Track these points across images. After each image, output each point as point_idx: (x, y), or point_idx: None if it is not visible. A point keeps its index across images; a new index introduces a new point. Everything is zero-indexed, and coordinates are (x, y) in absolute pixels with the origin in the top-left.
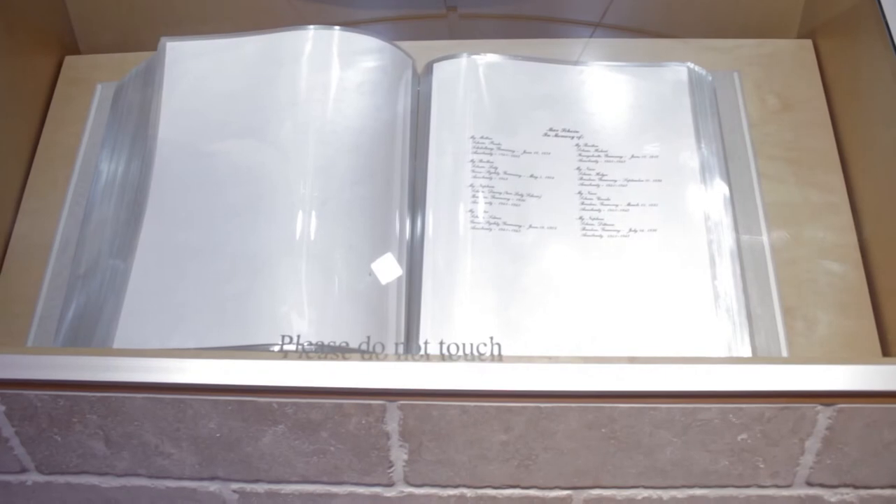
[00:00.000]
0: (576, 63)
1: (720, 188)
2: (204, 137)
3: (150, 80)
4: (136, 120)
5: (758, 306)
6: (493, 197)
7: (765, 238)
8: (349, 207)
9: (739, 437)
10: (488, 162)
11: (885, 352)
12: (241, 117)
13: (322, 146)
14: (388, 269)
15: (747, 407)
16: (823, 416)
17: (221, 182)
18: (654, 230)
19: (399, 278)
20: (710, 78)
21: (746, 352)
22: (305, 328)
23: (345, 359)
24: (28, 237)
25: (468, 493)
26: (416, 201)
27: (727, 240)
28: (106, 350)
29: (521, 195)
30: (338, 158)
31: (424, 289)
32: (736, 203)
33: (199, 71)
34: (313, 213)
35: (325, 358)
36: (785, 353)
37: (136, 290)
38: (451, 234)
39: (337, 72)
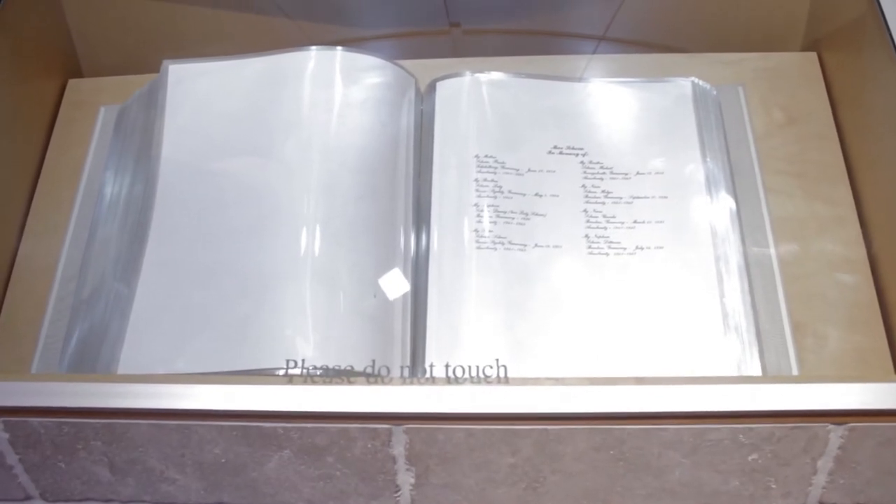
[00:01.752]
0: (579, 79)
1: (726, 203)
2: (207, 158)
3: (152, 102)
4: (140, 142)
5: (767, 323)
6: (498, 216)
7: (772, 253)
8: (353, 226)
9: (750, 458)
10: (492, 180)
11: None
12: (243, 137)
13: (325, 164)
14: (395, 284)
15: (758, 427)
16: (835, 435)
17: (225, 202)
18: (661, 247)
19: (404, 299)
20: (714, 92)
21: (756, 370)
22: (310, 352)
23: (350, 383)
24: (32, 260)
25: None
26: (420, 220)
27: (735, 255)
28: (110, 376)
29: (526, 214)
30: (341, 176)
31: (430, 310)
32: (743, 218)
33: (201, 92)
34: (317, 232)
35: (331, 382)
36: (795, 371)
37: (139, 314)
38: (456, 254)
39: (339, 91)
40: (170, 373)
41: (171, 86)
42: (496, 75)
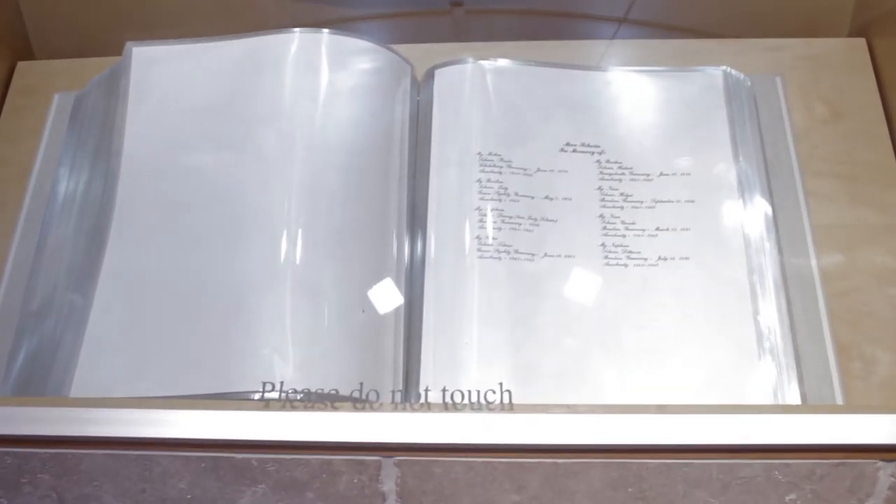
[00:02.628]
0: (596, 68)
1: (762, 208)
2: (175, 153)
3: (113, 90)
4: (98, 134)
5: (807, 345)
6: (504, 221)
7: (814, 265)
8: (340, 231)
9: (787, 498)
10: (497, 181)
11: None
12: (217, 130)
13: (309, 162)
14: (387, 297)
15: (796, 463)
16: (885, 473)
17: (195, 204)
18: (687, 258)
19: (396, 315)
20: (749, 83)
21: (795, 398)
22: (290, 374)
23: (334, 409)
24: None
25: None
26: (415, 226)
27: (771, 268)
28: (61, 399)
29: (535, 219)
30: (326, 176)
31: (425, 327)
32: (780, 226)
33: (169, 79)
34: (299, 237)
35: (313, 408)
36: (839, 400)
37: (96, 329)
38: (456, 264)
39: (326, 79)
40: (130, 396)
41: (135, 71)
42: (502, 62)
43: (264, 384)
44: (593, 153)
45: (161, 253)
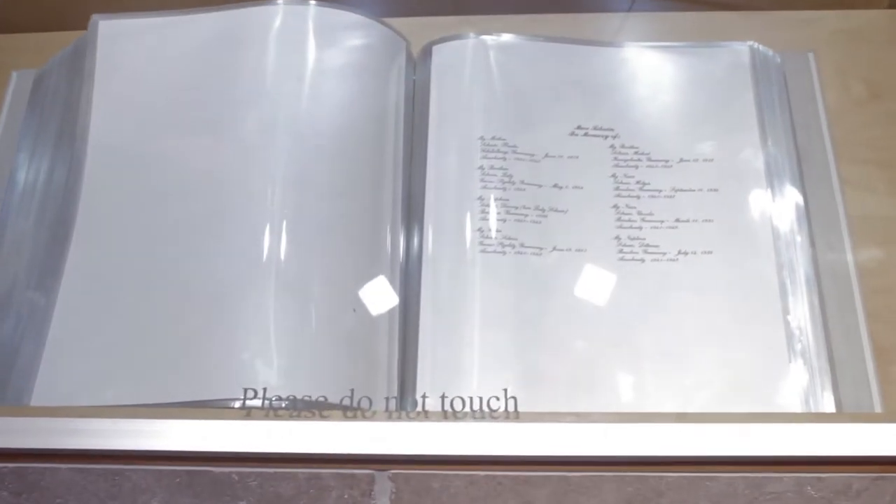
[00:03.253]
0: (610, 44)
1: (792, 198)
2: (146, 138)
3: (78, 67)
4: (61, 116)
5: (842, 347)
6: (508, 212)
7: (850, 260)
8: (328, 224)
9: None
10: (501, 168)
11: None
12: (192, 113)
13: (294, 148)
14: (380, 296)
15: (830, 476)
16: None
17: (168, 194)
18: (710, 252)
19: (390, 315)
20: (778, 60)
21: (829, 406)
22: (274, 379)
23: (323, 417)
24: None
25: None
26: (411, 218)
27: (802, 263)
28: (21, 409)
29: (543, 210)
30: (313, 163)
31: (422, 329)
32: (812, 217)
33: (139, 56)
34: (283, 231)
35: (299, 417)
36: (878, 408)
37: (60, 331)
38: (456, 259)
39: (312, 56)
40: (97, 405)
41: (102, 46)
42: (507, 38)
43: (246, 391)
44: (607, 137)
45: (131, 248)
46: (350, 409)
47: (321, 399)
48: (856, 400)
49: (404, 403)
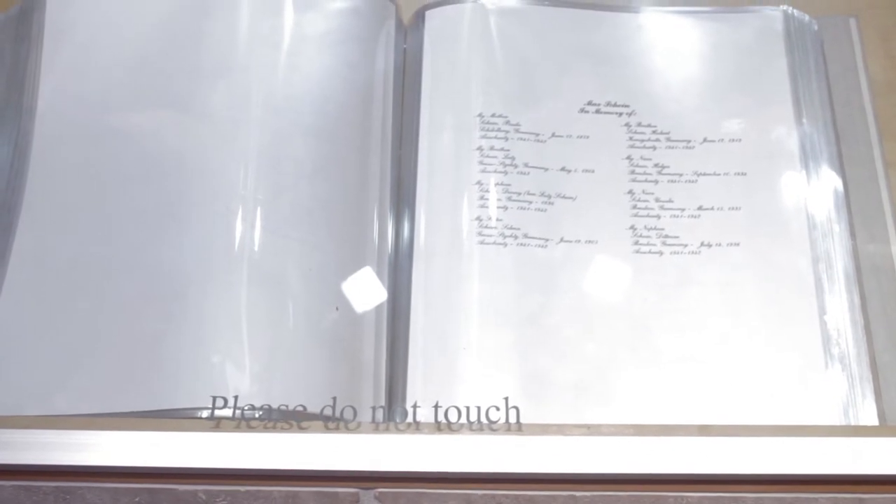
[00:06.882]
0: (626, 8)
1: (830, 183)
2: (101, 113)
3: (24, 33)
4: (6, 88)
5: (885, 351)
6: (510, 199)
7: (894, 253)
8: (307, 210)
9: None
10: (502, 149)
11: None
12: (153, 85)
13: (269, 124)
14: (366, 292)
15: (872, 498)
16: None
17: (126, 175)
18: (737, 244)
19: (378, 314)
20: (815, 26)
21: (871, 417)
22: (246, 386)
23: (301, 429)
24: None
25: None
26: (401, 204)
27: (841, 256)
28: None
29: (549, 196)
30: (291, 141)
31: (413, 329)
32: (852, 204)
33: (94, 20)
34: (257, 217)
35: (274, 428)
36: None
37: (3, 331)
38: (451, 251)
39: (291, 21)
40: (45, 415)
41: (51, 10)
42: (509, 2)
43: (214, 399)
44: (621, 114)
45: (85, 237)
46: (332, 420)
47: (299, 408)
48: None
49: (393, 414)
